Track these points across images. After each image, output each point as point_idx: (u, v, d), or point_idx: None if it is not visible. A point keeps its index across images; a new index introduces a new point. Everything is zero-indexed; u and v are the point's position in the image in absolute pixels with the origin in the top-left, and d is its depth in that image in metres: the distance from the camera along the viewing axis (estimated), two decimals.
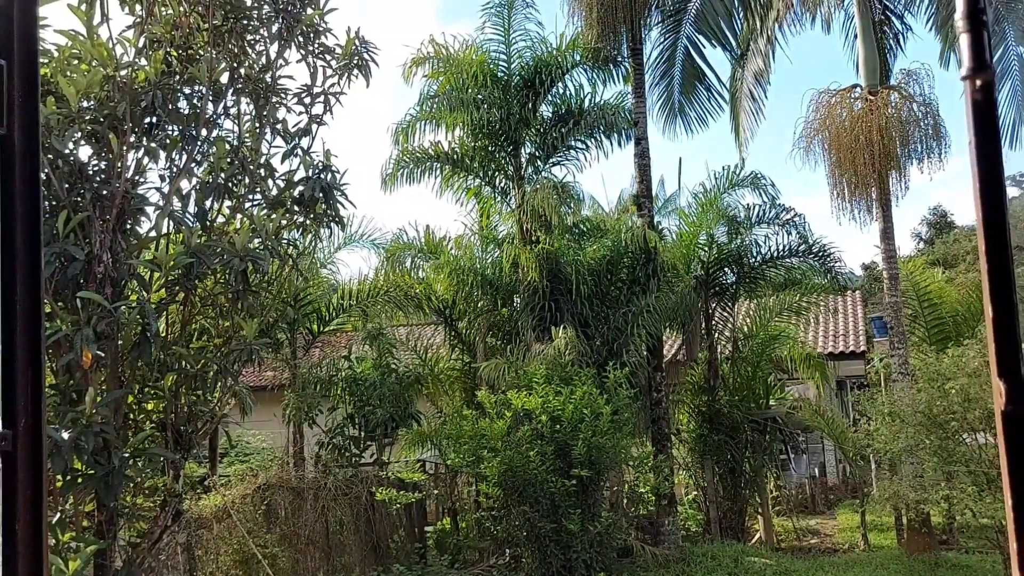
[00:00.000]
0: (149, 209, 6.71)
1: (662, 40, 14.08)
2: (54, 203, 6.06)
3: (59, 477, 5.87)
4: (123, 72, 6.40)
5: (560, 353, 11.03)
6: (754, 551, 12.07)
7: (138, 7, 6.75)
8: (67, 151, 6.13)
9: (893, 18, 13.81)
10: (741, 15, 13.44)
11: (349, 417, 12.12)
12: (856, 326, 20.44)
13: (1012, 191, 50.77)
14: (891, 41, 13.98)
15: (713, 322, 14.21)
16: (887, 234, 12.03)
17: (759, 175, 13.63)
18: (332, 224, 7.86)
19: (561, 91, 13.40)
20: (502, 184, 13.62)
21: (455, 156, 13.43)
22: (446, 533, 12.07)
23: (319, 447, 12.17)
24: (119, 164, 6.40)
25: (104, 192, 6.35)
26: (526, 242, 12.45)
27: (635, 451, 11.53)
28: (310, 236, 8.44)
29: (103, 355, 6.12)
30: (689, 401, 14.26)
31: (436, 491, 12.25)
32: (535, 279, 12.05)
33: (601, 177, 56.66)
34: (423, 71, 13.21)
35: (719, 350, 14.27)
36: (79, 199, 6.15)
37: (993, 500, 8.67)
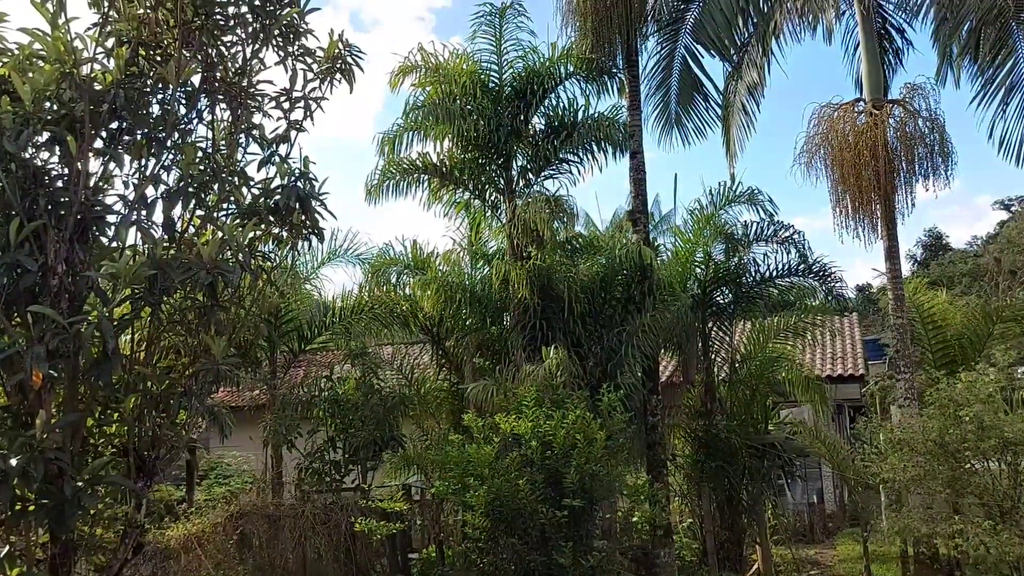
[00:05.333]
0: (113, 218, 6.26)
1: (659, 50, 13.77)
2: (6, 210, 5.61)
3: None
4: (84, 70, 5.96)
5: (551, 374, 10.54)
6: None
7: (104, 2, 6.33)
8: (22, 154, 5.68)
9: (893, 32, 13.53)
10: (741, 24, 13.11)
11: (330, 440, 11.63)
12: (854, 349, 20.08)
13: (1001, 215, 50.83)
14: (891, 57, 13.70)
15: (710, 343, 13.78)
16: (892, 253, 11.64)
17: (756, 191, 13.24)
18: (311, 236, 7.42)
19: (554, 102, 13.02)
20: (492, 198, 13.20)
21: (444, 168, 13.02)
22: (431, 563, 11.53)
23: (298, 471, 11.67)
24: (79, 167, 5.95)
25: (62, 199, 5.89)
26: (517, 258, 12.01)
27: (629, 479, 11.03)
28: (287, 248, 7.99)
29: (56, 374, 5.64)
30: (685, 425, 13.79)
31: (420, 521, 11.72)
32: (526, 296, 11.59)
33: (595, 195, 56.57)
34: (411, 80, 12.84)
35: (716, 372, 13.83)
36: (34, 206, 5.70)
37: (1010, 536, 8.20)
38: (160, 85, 6.40)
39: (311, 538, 10.15)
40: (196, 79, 6.60)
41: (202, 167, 6.48)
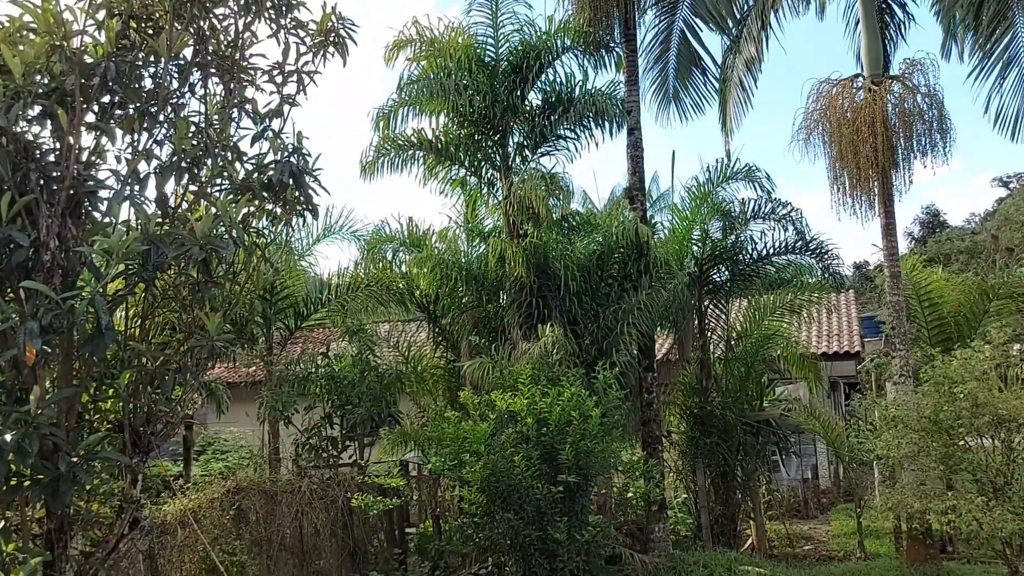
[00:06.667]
0: (106, 193, 6.20)
1: (657, 23, 13.64)
2: None
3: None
4: (75, 43, 5.87)
5: (547, 352, 10.53)
6: (747, 559, 11.63)
7: None
8: (13, 128, 5.61)
9: (894, 6, 13.39)
10: None
11: (327, 416, 11.63)
12: (850, 326, 20.09)
13: (1000, 192, 50.77)
14: (892, 31, 13.57)
15: (706, 321, 13.77)
16: (889, 230, 11.60)
17: (754, 168, 13.18)
18: (306, 212, 7.37)
19: (551, 77, 12.84)
20: (488, 175, 13.07)
21: (439, 144, 12.88)
22: (428, 537, 11.59)
23: (295, 447, 11.68)
24: (70, 142, 5.88)
25: (54, 174, 5.83)
26: (513, 236, 11.94)
27: (625, 455, 11.05)
28: (281, 224, 7.94)
29: (50, 350, 5.61)
30: (681, 402, 13.82)
31: (417, 496, 11.74)
32: (522, 274, 11.54)
33: (593, 173, 56.26)
34: (406, 54, 12.67)
35: (712, 350, 13.84)
36: (26, 181, 5.64)
37: (1002, 512, 8.24)
38: (152, 58, 6.30)
39: (308, 513, 10.14)
40: (188, 52, 6.50)
41: (195, 142, 6.39)
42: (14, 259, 5.45)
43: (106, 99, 6.14)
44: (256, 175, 6.76)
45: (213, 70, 6.75)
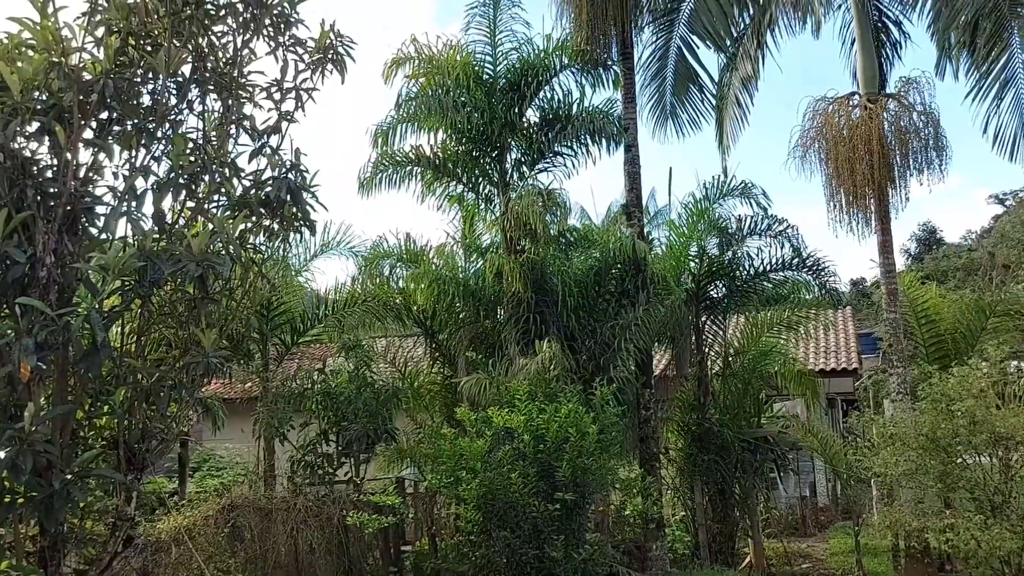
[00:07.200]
0: (103, 209, 6.20)
1: (654, 40, 13.74)
2: None
3: None
4: (73, 59, 5.89)
5: (544, 368, 10.51)
6: None
7: None
8: (11, 144, 5.62)
9: (890, 25, 13.51)
10: (736, 15, 13.05)
11: (323, 433, 11.58)
12: (847, 343, 20.10)
13: (996, 208, 50.92)
14: (888, 50, 13.67)
15: (704, 337, 13.75)
16: (886, 247, 11.63)
17: (750, 184, 13.21)
18: (303, 229, 7.37)
19: (548, 95, 12.91)
20: (486, 191, 13.11)
21: (437, 161, 12.92)
22: (424, 556, 11.51)
23: (291, 464, 11.62)
24: (68, 158, 5.88)
25: (51, 190, 5.83)
26: (511, 251, 11.95)
27: (622, 472, 11.01)
28: (278, 240, 7.94)
29: (45, 367, 5.58)
30: (678, 419, 13.76)
31: (413, 513, 11.67)
32: (519, 290, 11.54)
33: (591, 188, 56.41)
34: (404, 72, 12.73)
35: (709, 366, 13.82)
36: (23, 197, 5.64)
37: (1000, 530, 8.21)
38: (150, 75, 6.32)
39: (303, 531, 10.10)
40: (186, 69, 6.52)
41: (192, 158, 6.41)
42: (10, 275, 5.43)
43: (104, 116, 6.14)
44: (254, 191, 6.78)
45: (211, 87, 6.78)
